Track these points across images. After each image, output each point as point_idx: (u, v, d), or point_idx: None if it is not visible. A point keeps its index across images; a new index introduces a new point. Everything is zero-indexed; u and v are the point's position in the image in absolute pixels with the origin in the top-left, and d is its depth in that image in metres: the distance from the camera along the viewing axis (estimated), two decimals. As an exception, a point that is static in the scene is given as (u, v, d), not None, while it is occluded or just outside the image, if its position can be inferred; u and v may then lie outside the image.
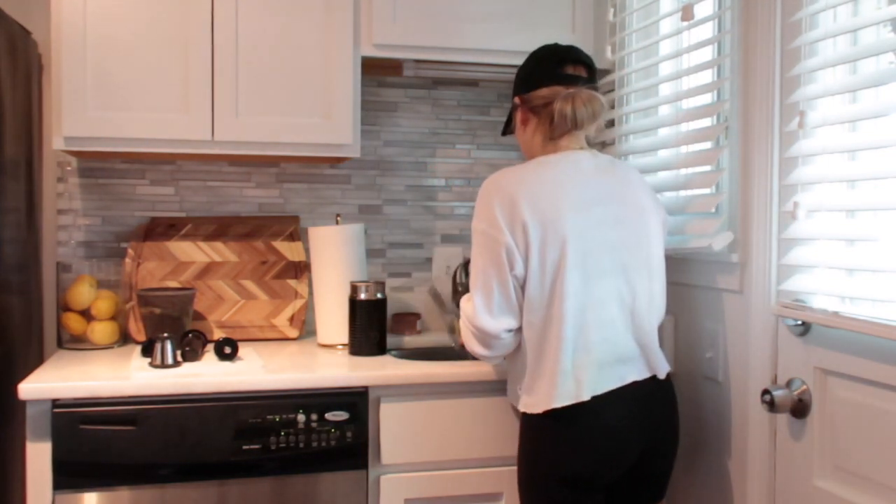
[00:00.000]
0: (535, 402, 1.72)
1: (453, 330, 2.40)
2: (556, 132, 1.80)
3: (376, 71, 2.47)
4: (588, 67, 1.84)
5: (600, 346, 1.69)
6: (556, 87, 1.80)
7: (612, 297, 1.71)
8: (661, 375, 1.77)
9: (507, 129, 2.00)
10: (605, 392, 1.69)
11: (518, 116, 1.87)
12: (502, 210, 1.70)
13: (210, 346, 2.20)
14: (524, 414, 1.76)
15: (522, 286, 1.72)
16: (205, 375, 1.90)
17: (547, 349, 1.70)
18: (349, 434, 1.93)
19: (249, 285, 2.43)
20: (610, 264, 1.71)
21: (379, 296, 2.18)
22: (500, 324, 1.72)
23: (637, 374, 1.73)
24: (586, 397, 1.67)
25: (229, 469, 1.87)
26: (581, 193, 1.72)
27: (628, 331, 1.73)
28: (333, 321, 2.28)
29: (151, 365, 1.98)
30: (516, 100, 1.87)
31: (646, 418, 1.73)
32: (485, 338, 1.74)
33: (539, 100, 1.82)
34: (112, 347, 2.28)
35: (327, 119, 2.21)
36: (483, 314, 1.72)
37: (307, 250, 2.45)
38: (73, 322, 2.25)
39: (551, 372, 1.69)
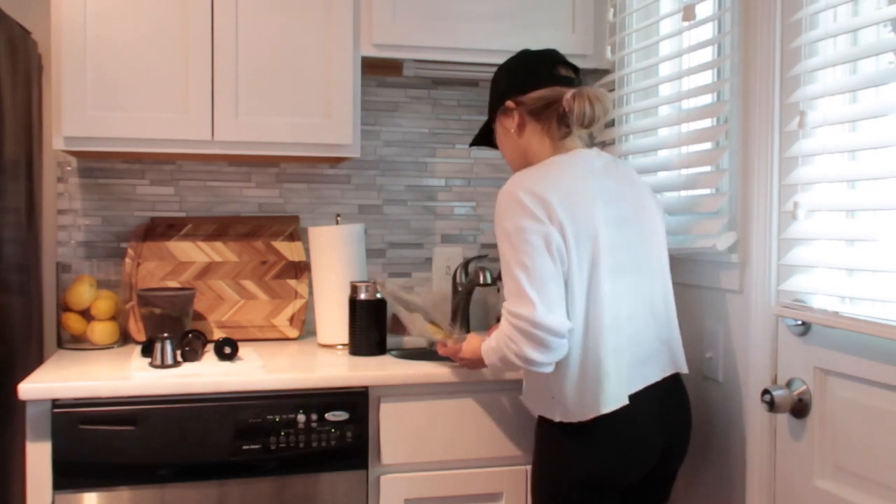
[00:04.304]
0: (579, 410, 1.66)
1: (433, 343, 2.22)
2: (564, 132, 1.77)
3: (376, 71, 2.47)
4: (574, 69, 1.84)
5: (628, 346, 1.68)
6: (555, 87, 1.77)
7: (634, 296, 1.70)
8: (685, 370, 1.78)
9: (489, 138, 1.92)
10: (633, 393, 1.68)
11: (513, 120, 1.81)
12: (539, 208, 1.62)
13: (210, 346, 2.20)
14: (548, 421, 1.72)
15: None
16: (205, 375, 1.90)
17: (588, 353, 1.65)
18: (349, 434, 1.93)
19: (249, 285, 2.42)
20: (629, 263, 1.70)
21: (379, 296, 2.18)
22: (564, 320, 1.61)
23: (659, 373, 1.73)
24: (626, 400, 1.66)
25: (229, 469, 1.87)
26: (597, 192, 1.70)
27: (650, 329, 1.72)
28: (333, 321, 2.28)
29: (151, 365, 1.98)
30: (510, 104, 1.80)
31: (667, 418, 1.73)
32: (547, 338, 1.59)
33: (539, 101, 1.78)
34: (112, 347, 2.28)
35: (327, 119, 2.21)
36: (544, 311, 1.58)
37: (307, 250, 2.45)
38: (73, 322, 2.25)
39: (595, 377, 1.64)
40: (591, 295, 1.64)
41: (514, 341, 1.61)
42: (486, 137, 1.96)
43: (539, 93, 1.78)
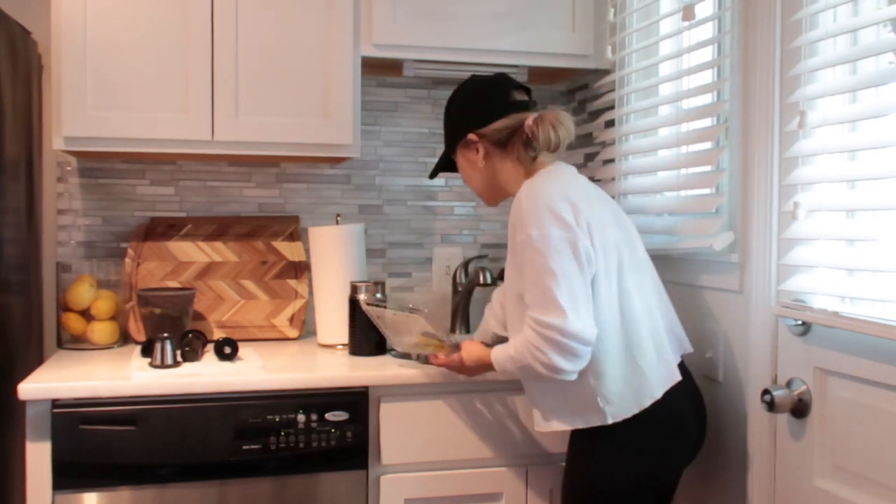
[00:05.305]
0: (632, 402, 1.65)
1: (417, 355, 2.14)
2: (531, 155, 1.77)
3: (376, 71, 2.47)
4: (527, 90, 1.84)
5: (654, 336, 1.70)
6: (515, 114, 1.77)
7: (645, 289, 1.72)
8: (691, 349, 1.81)
9: (449, 167, 1.92)
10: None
11: (478, 153, 1.80)
12: (567, 212, 1.62)
13: (210, 346, 2.20)
14: (587, 428, 1.69)
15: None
16: (205, 375, 1.90)
17: (630, 341, 1.65)
18: (349, 434, 1.93)
19: (249, 285, 2.42)
20: (635, 260, 1.73)
21: (379, 296, 2.18)
22: (593, 327, 1.60)
23: (677, 356, 1.76)
24: (679, 377, 1.69)
25: (229, 469, 1.87)
26: (594, 195, 1.74)
27: (662, 319, 1.74)
28: (333, 321, 2.28)
29: (151, 365, 1.98)
30: (472, 137, 1.79)
31: (695, 403, 1.76)
32: (576, 347, 1.57)
33: (502, 132, 1.77)
34: (112, 347, 2.28)
35: (327, 119, 2.21)
36: (574, 319, 1.57)
37: (307, 250, 2.45)
38: (73, 322, 2.25)
39: (639, 362, 1.65)
40: (622, 287, 1.67)
41: (541, 350, 1.58)
42: (445, 167, 1.95)
43: (500, 123, 1.78)
